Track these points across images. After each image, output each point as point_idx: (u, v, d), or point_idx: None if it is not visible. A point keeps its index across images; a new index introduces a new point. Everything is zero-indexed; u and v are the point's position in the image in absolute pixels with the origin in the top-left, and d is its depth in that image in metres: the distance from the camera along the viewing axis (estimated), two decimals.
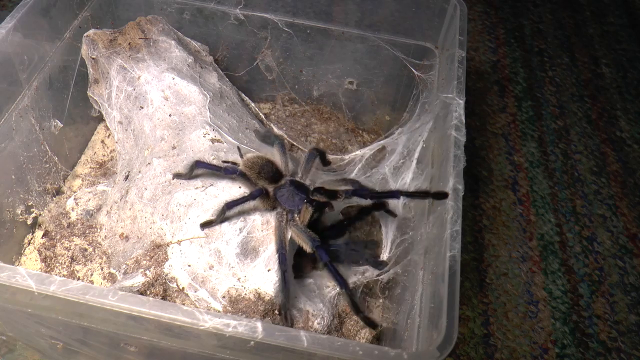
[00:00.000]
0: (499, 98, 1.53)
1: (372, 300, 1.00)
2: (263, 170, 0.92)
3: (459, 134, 0.82)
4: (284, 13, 1.16)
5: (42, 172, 1.06)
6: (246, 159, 0.94)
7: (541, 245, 1.22)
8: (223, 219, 0.86)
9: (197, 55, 1.18)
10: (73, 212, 1.02)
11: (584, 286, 1.16)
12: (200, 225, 0.86)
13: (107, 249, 0.96)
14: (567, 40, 1.74)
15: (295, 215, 0.88)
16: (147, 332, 0.66)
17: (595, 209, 1.30)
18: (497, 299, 1.12)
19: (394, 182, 1.00)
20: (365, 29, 1.16)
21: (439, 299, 0.67)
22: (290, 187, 0.91)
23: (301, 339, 0.60)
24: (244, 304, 0.81)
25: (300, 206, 0.89)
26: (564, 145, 1.44)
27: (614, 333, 1.09)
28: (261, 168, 0.92)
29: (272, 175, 0.92)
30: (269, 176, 0.92)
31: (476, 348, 1.05)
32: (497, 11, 1.80)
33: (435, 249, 0.77)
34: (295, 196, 0.90)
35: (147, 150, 0.99)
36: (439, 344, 0.61)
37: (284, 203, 0.89)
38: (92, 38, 1.08)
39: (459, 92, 0.89)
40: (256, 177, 0.91)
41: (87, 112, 1.17)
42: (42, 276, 0.62)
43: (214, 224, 0.86)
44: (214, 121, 1.02)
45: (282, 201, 0.90)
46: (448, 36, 1.05)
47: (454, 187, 0.76)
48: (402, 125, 1.11)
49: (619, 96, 1.58)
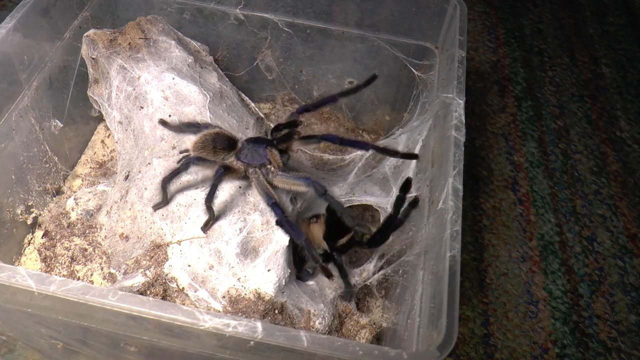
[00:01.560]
0: (499, 98, 1.53)
1: (372, 300, 1.00)
2: (217, 143, 0.89)
3: (459, 134, 0.82)
4: (284, 13, 1.16)
5: (42, 172, 1.06)
6: (194, 141, 0.91)
7: (541, 245, 1.22)
8: (213, 213, 0.86)
9: (197, 55, 1.17)
10: (73, 212, 1.02)
11: (584, 286, 1.16)
12: (201, 228, 0.85)
13: (107, 249, 0.96)
14: (567, 40, 1.73)
15: (268, 166, 0.87)
16: (147, 332, 0.66)
17: (595, 209, 1.30)
18: (497, 299, 1.12)
19: (395, 181, 0.99)
20: (365, 29, 1.15)
21: (439, 299, 0.67)
22: (248, 145, 0.90)
23: (301, 339, 0.60)
24: (244, 304, 0.81)
25: (267, 155, 0.88)
26: (564, 145, 1.44)
27: (614, 333, 1.09)
28: (214, 142, 0.89)
29: (229, 143, 0.90)
30: (226, 145, 0.89)
31: (476, 348, 1.05)
32: (497, 11, 1.80)
33: (435, 249, 0.76)
34: (258, 149, 0.88)
35: (147, 150, 0.99)
36: (439, 344, 0.61)
37: (250, 162, 0.88)
38: (92, 38, 1.08)
39: (459, 92, 0.89)
40: (213, 153, 0.89)
41: (87, 112, 1.17)
42: (42, 276, 0.62)
43: (210, 221, 0.86)
44: (214, 121, 1.02)
45: (248, 161, 0.88)
46: (448, 36, 1.04)
47: (454, 187, 0.76)
48: (403, 125, 1.11)
49: (619, 96, 1.58)
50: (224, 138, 0.90)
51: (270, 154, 0.88)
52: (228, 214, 0.88)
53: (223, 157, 0.90)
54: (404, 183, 0.88)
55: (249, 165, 0.89)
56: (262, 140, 0.90)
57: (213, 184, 0.84)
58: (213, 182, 0.84)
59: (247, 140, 0.91)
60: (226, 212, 0.88)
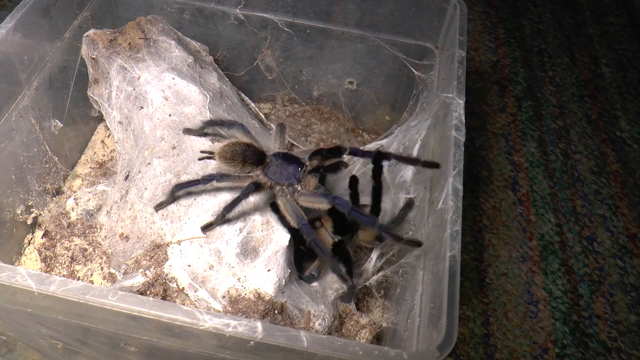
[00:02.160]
0: (499, 98, 1.53)
1: (372, 301, 1.00)
2: (247, 156, 0.86)
3: (459, 134, 0.82)
4: (284, 13, 1.16)
5: (42, 172, 1.06)
6: (221, 150, 0.86)
7: (541, 245, 1.22)
8: (224, 220, 0.85)
9: (197, 55, 1.17)
10: (73, 212, 1.02)
11: (584, 286, 1.16)
12: (202, 228, 0.85)
13: (107, 249, 0.96)
14: (567, 40, 1.73)
15: (296, 185, 0.85)
16: (147, 332, 0.66)
17: (595, 209, 1.30)
18: (497, 299, 1.12)
19: (393, 180, 0.99)
20: (365, 28, 1.15)
21: (439, 299, 0.67)
22: (277, 161, 0.87)
23: (301, 339, 0.60)
24: (244, 304, 0.81)
25: (298, 175, 0.85)
26: (564, 145, 1.44)
27: (614, 333, 1.09)
28: (244, 155, 0.85)
29: (258, 157, 0.86)
30: (255, 160, 0.86)
31: (476, 348, 1.05)
32: (497, 11, 1.79)
33: (435, 248, 0.76)
34: (287, 167, 0.85)
35: (147, 150, 0.98)
36: (439, 344, 0.61)
37: (279, 180, 0.85)
38: (92, 38, 1.07)
39: (459, 92, 0.88)
40: (241, 167, 0.85)
41: (87, 112, 1.17)
42: (42, 276, 0.62)
43: (215, 225, 0.85)
44: None
45: (276, 179, 0.85)
46: (448, 36, 1.04)
47: (454, 187, 0.76)
48: (401, 124, 1.11)
49: (619, 96, 1.58)
50: (254, 152, 0.87)
51: (305, 179, 0.85)
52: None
53: (250, 170, 0.87)
54: (374, 153, 0.87)
55: (276, 183, 0.86)
56: (293, 159, 0.87)
57: (238, 197, 0.82)
58: (240, 196, 0.82)
59: (276, 155, 0.88)
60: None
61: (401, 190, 0.97)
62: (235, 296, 0.81)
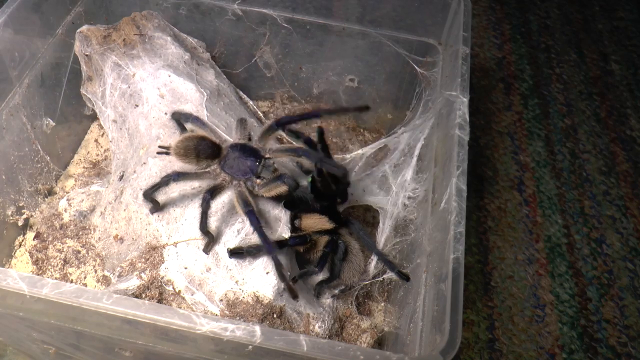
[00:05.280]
0: (504, 96, 1.53)
1: (374, 304, 1.00)
2: (201, 150, 0.83)
3: (462, 133, 0.82)
4: (283, 8, 1.16)
5: (34, 172, 1.06)
6: (175, 146, 0.84)
7: (548, 247, 1.21)
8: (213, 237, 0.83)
9: (194, 52, 1.17)
10: (66, 213, 1.02)
11: (593, 289, 1.15)
12: (204, 250, 0.83)
13: (101, 251, 0.96)
14: (575, 36, 1.73)
15: (254, 179, 0.83)
16: (142, 336, 0.66)
17: (604, 210, 1.30)
18: (503, 302, 1.12)
19: (394, 180, 1.00)
20: (366, 24, 1.15)
21: (442, 302, 0.67)
22: (234, 153, 0.85)
23: (300, 343, 0.60)
24: (242, 308, 0.81)
25: (255, 169, 0.82)
26: (572, 144, 1.43)
27: (623, 338, 1.09)
28: (197, 149, 0.83)
29: (212, 151, 0.84)
30: (209, 154, 0.84)
31: (481, 353, 1.05)
32: (503, 6, 1.79)
33: (438, 251, 0.77)
34: (245, 161, 0.83)
35: (142, 150, 0.98)
36: (442, 348, 0.61)
37: (236, 175, 0.83)
38: (86, 34, 1.07)
39: (463, 90, 0.88)
40: (196, 162, 0.83)
41: (80, 110, 1.17)
42: (34, 279, 0.62)
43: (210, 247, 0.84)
44: (211, 119, 1.01)
45: (233, 174, 0.83)
46: (452, 32, 1.04)
47: (458, 188, 0.76)
48: (405, 124, 1.11)
49: (629, 94, 1.58)
50: (207, 145, 0.84)
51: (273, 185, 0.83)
52: (226, 215, 0.88)
53: (206, 165, 0.86)
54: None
55: (233, 178, 0.85)
56: (250, 151, 0.85)
57: (203, 212, 0.81)
58: (202, 209, 0.81)
59: (233, 146, 0.86)
60: (224, 214, 0.88)
61: (401, 190, 0.97)
62: (233, 299, 0.81)
